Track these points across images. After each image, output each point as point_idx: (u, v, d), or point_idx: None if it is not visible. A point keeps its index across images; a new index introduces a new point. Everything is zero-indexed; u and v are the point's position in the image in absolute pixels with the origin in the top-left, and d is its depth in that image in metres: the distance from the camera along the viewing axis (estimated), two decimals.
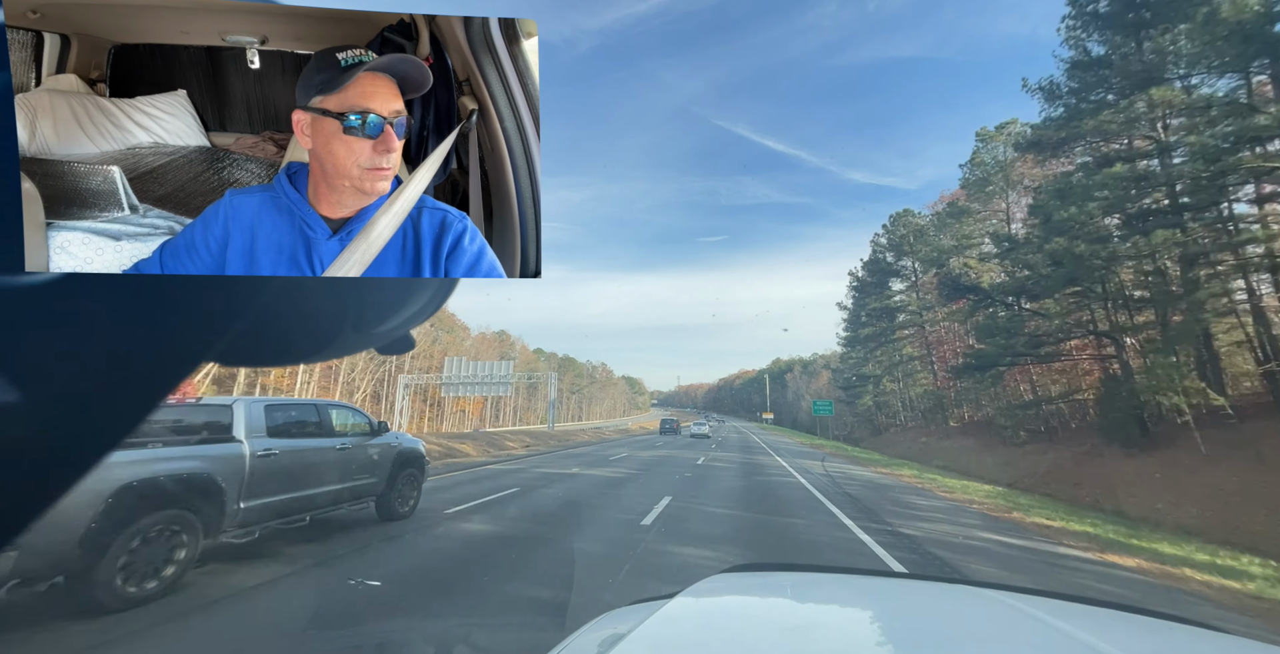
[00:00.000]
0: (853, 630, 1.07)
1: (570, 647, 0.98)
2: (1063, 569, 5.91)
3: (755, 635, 1.01)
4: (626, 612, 1.18)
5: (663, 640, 0.93)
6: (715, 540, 6.20)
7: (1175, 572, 6.17)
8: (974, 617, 1.15)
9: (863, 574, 1.59)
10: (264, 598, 4.22)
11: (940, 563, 5.68)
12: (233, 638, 3.55)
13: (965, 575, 5.23)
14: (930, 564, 5.66)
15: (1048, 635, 0.98)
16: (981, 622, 1.11)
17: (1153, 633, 1.09)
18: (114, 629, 3.48)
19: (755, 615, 1.19)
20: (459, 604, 4.19)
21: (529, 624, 3.82)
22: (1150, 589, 5.37)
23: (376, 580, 4.35)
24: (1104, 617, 1.17)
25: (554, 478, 11.79)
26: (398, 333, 0.53)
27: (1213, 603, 5.08)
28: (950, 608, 1.21)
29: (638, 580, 4.55)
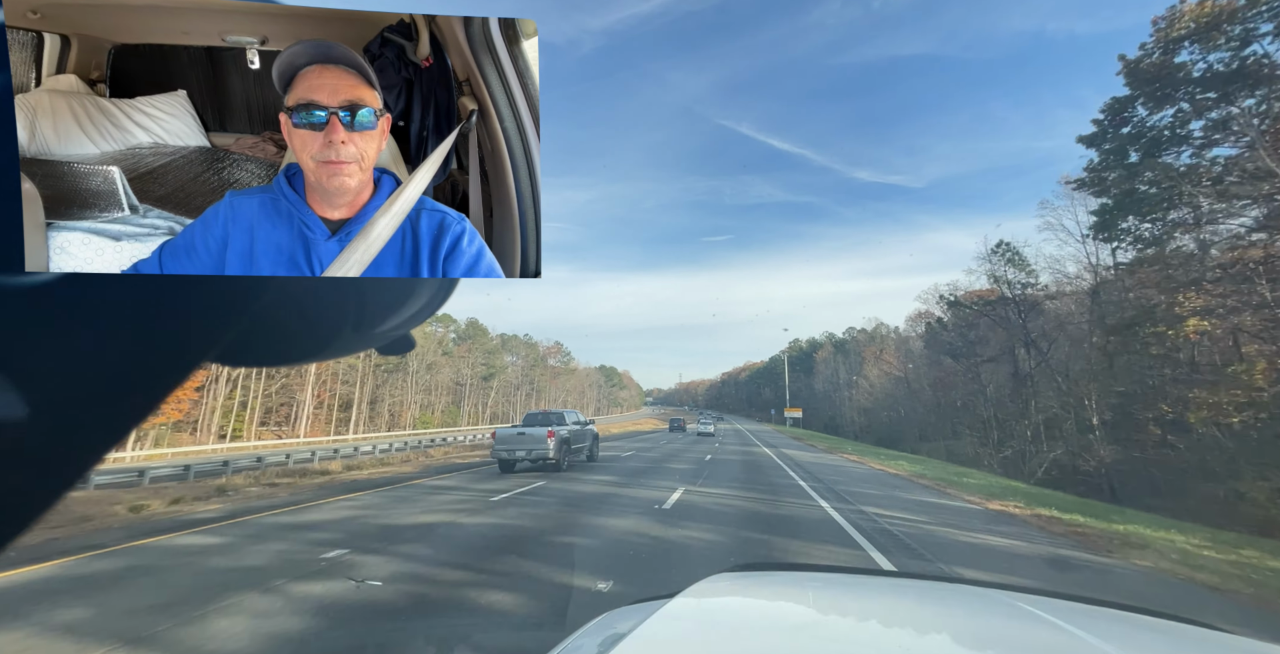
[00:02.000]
0: (853, 630, 1.07)
1: (570, 647, 0.98)
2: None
3: (755, 635, 1.01)
4: (626, 612, 1.18)
5: (663, 640, 0.93)
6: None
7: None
8: (974, 616, 1.15)
9: (863, 574, 1.59)
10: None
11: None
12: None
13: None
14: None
15: (1048, 635, 0.98)
16: (982, 621, 1.11)
17: (1153, 633, 1.09)
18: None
19: (755, 615, 1.19)
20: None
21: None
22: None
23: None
24: (1105, 616, 1.17)
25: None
26: (398, 333, 0.54)
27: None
28: (950, 608, 1.21)
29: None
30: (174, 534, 7.05)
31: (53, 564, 5.49)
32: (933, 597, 1.31)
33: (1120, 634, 1.04)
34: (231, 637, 3.42)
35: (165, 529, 7.37)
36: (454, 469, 15.95)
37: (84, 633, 3.51)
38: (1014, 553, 6.83)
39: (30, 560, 5.55)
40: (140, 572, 5.24)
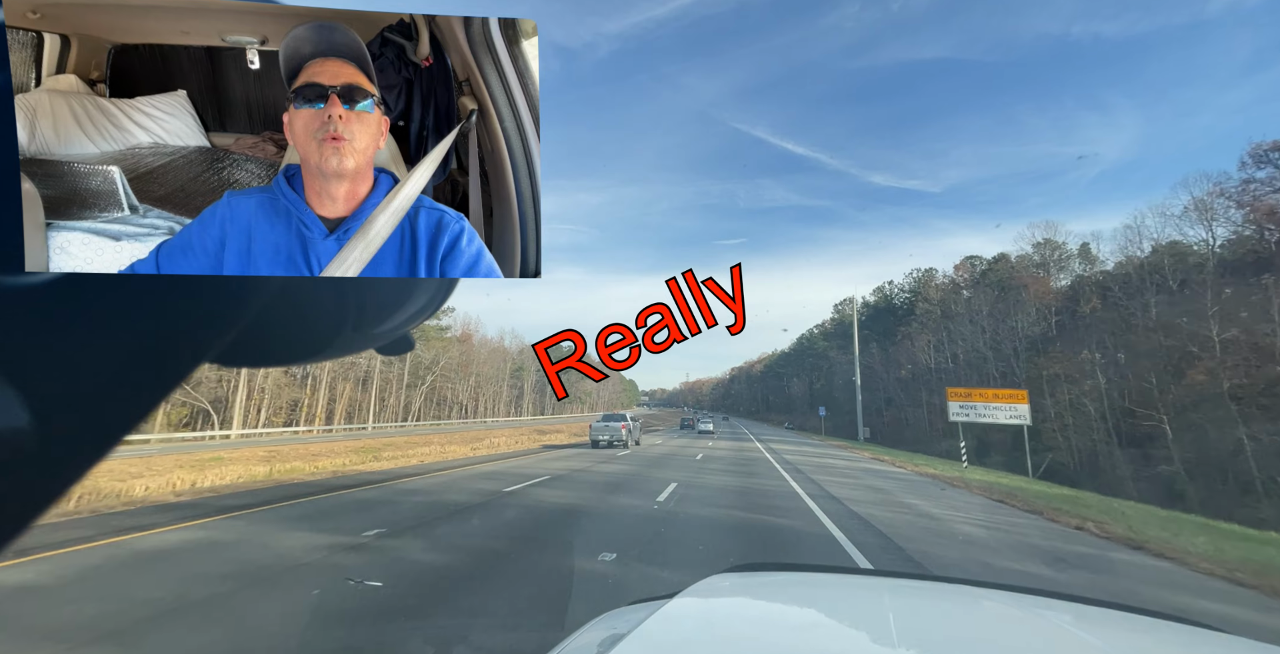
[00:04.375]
0: (853, 630, 1.07)
1: (570, 647, 0.98)
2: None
3: (755, 635, 1.01)
4: (626, 612, 1.18)
5: (663, 640, 0.93)
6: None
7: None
8: (974, 616, 1.15)
9: (863, 574, 1.59)
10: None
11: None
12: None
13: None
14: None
15: (1048, 635, 0.98)
16: (982, 621, 1.11)
17: (1153, 632, 1.09)
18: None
19: (755, 615, 1.19)
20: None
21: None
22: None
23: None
24: (1104, 616, 1.17)
25: None
26: (397, 333, 0.54)
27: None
28: (950, 608, 1.21)
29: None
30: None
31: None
32: (933, 597, 1.31)
33: (1120, 634, 1.04)
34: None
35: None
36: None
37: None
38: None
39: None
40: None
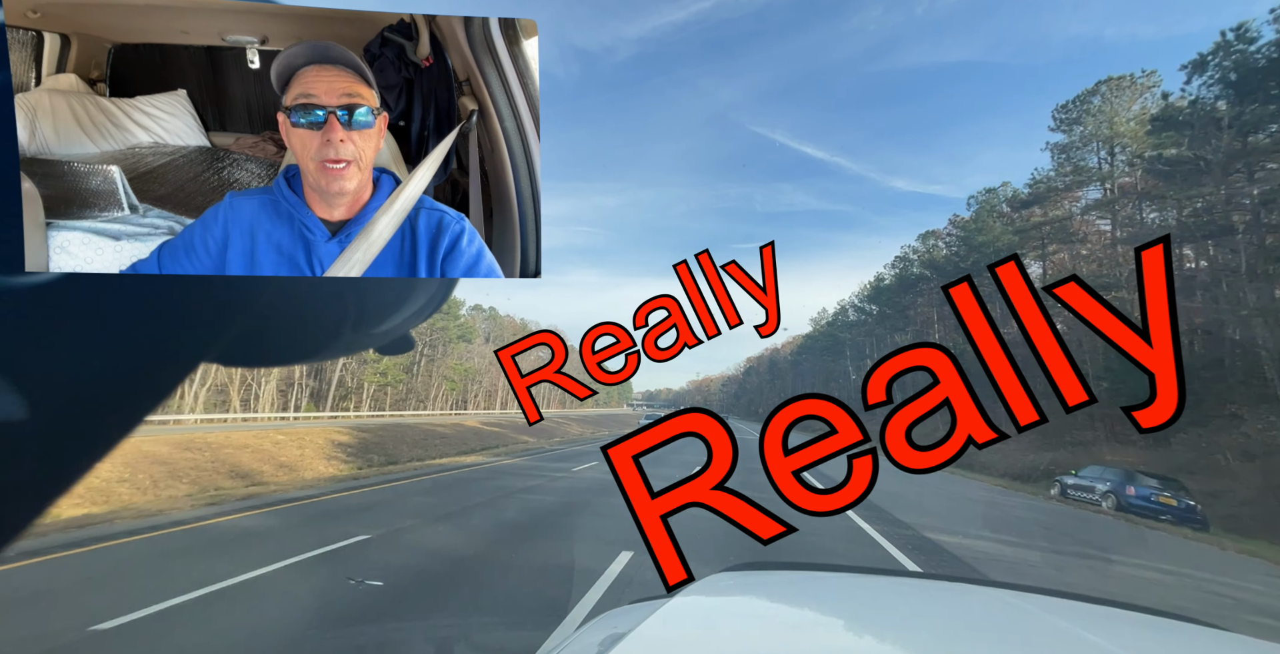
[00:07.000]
0: (853, 630, 1.07)
1: (570, 647, 0.98)
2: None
3: (755, 635, 1.01)
4: (626, 611, 1.18)
5: (663, 640, 0.93)
6: None
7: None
8: (976, 616, 1.15)
9: (863, 573, 1.59)
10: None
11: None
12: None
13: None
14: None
15: (1050, 634, 0.98)
16: (983, 620, 1.11)
17: (1156, 631, 1.09)
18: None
19: (755, 615, 1.18)
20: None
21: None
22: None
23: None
24: (1107, 615, 1.17)
25: None
26: (397, 333, 0.54)
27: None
28: (952, 607, 1.21)
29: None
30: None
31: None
32: (933, 596, 1.31)
33: (1121, 633, 1.04)
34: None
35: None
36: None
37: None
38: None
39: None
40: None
